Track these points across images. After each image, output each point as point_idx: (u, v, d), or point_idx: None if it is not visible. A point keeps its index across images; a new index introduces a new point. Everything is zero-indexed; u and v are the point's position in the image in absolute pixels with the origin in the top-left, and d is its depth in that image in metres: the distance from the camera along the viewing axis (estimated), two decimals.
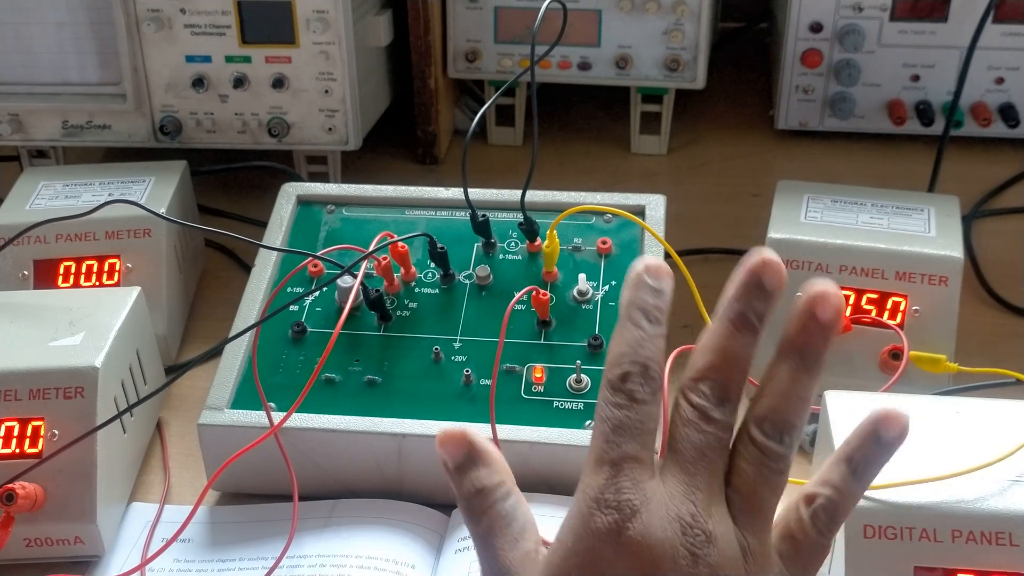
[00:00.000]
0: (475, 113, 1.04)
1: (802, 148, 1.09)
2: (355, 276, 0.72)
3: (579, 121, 1.15)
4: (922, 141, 1.04)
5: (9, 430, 0.66)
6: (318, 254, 0.74)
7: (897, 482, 0.55)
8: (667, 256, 0.75)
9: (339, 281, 0.73)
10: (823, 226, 0.77)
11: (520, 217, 0.76)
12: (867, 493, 0.54)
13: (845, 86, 1.04)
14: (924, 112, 1.03)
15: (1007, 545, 0.54)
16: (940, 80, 1.03)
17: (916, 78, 1.04)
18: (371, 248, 0.72)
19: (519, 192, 0.75)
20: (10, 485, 0.63)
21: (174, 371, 0.79)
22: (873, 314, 0.73)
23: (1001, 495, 0.55)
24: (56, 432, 0.65)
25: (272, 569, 0.64)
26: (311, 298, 0.75)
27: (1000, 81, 1.02)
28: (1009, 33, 1.00)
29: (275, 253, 0.78)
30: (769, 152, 1.10)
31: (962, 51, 0.97)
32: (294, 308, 0.75)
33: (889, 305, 0.73)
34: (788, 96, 1.06)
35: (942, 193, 0.87)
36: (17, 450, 0.65)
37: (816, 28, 1.03)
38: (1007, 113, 1.03)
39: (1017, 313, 0.85)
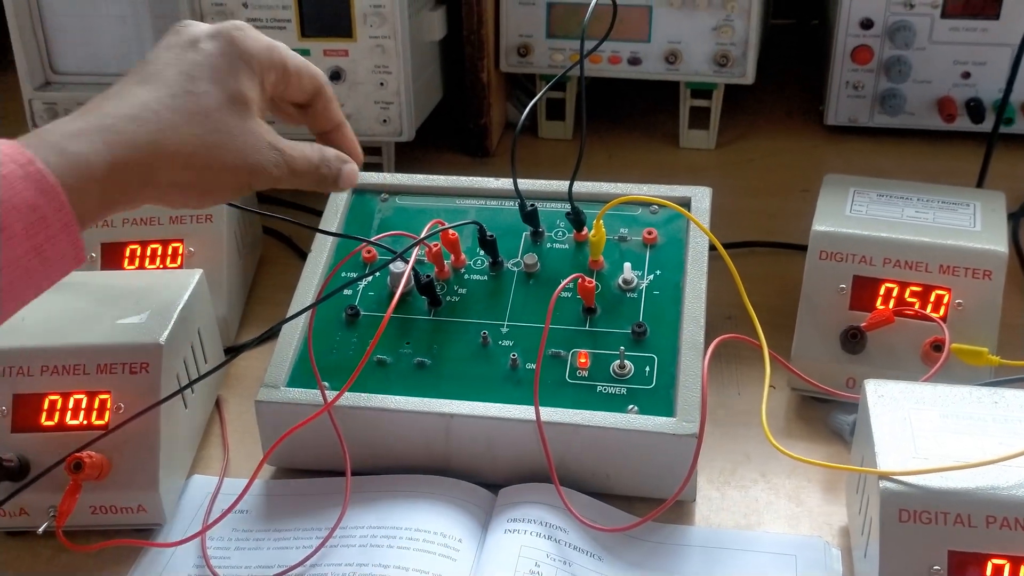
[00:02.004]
0: (526, 107, 1.06)
1: (851, 144, 1.10)
2: (407, 262, 0.74)
3: (629, 116, 1.16)
4: (972, 139, 1.05)
5: (77, 402, 0.69)
6: (372, 240, 0.77)
7: (933, 468, 0.56)
8: (711, 247, 0.76)
9: (391, 266, 0.75)
10: (868, 219, 0.77)
11: (568, 207, 0.78)
12: (902, 478, 0.56)
13: (895, 83, 1.05)
14: (975, 109, 1.03)
15: None
16: (991, 77, 1.03)
17: (967, 75, 1.04)
18: (423, 235, 0.74)
19: (567, 183, 0.77)
20: (78, 454, 0.66)
21: (233, 351, 0.82)
22: (916, 307, 0.74)
23: None
24: (122, 405, 0.68)
25: (326, 539, 0.66)
26: (364, 283, 0.78)
27: None
28: None
29: (331, 239, 0.80)
30: (818, 148, 1.11)
31: (1014, 48, 0.97)
32: (348, 292, 0.77)
33: (932, 298, 0.74)
34: (838, 92, 1.07)
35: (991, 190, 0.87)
36: (85, 422, 0.69)
37: (867, 24, 1.03)
38: None
39: None
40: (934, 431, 0.59)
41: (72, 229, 0.54)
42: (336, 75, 0.96)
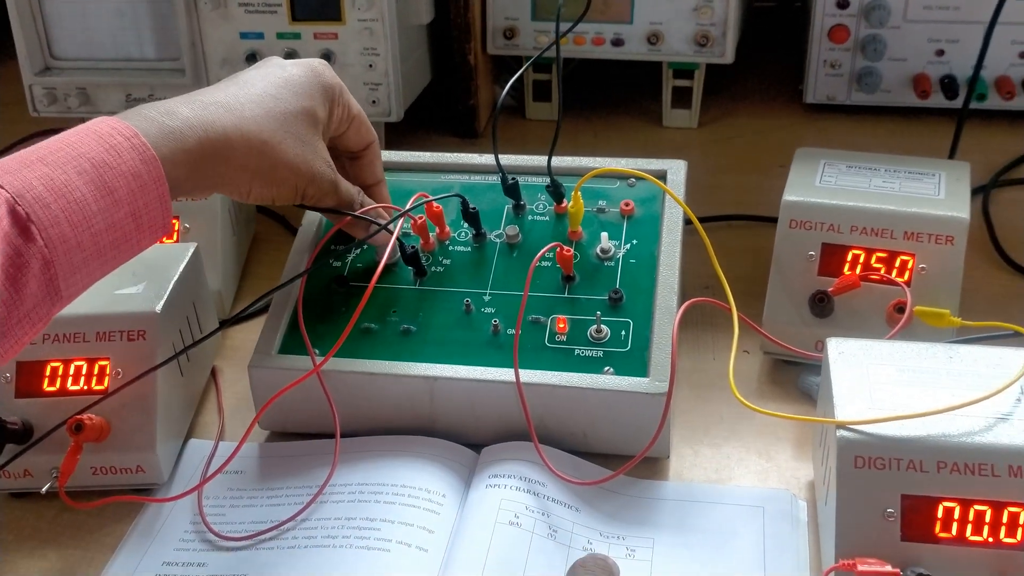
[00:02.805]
0: (514, 89, 1.09)
1: (830, 121, 1.13)
2: (392, 233, 0.77)
3: (613, 96, 1.19)
4: (947, 115, 1.07)
5: (78, 368, 0.72)
6: (357, 213, 0.80)
7: (887, 417, 0.59)
8: (687, 220, 0.79)
9: (377, 238, 0.78)
10: (836, 189, 0.80)
11: (548, 180, 0.81)
12: (858, 427, 0.59)
13: (871, 61, 1.08)
14: (948, 86, 1.06)
15: (989, 476, 0.58)
16: (964, 54, 1.06)
17: (941, 52, 1.07)
18: (407, 207, 0.77)
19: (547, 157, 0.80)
20: (79, 416, 0.70)
21: (227, 321, 0.86)
22: (882, 272, 0.77)
23: (987, 431, 0.59)
24: (120, 371, 0.72)
25: (316, 496, 0.70)
26: (353, 254, 0.81)
27: None
28: None
29: (319, 214, 0.83)
30: (798, 125, 1.14)
31: (985, 26, 1.00)
32: (336, 263, 0.80)
33: (897, 263, 0.77)
34: (816, 71, 1.10)
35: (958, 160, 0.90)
36: (85, 387, 0.72)
37: (843, 4, 1.06)
38: None
39: None
40: (890, 384, 0.62)
41: (165, 199, 0.61)
42: (326, 57, 0.99)
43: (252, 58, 0.99)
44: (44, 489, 0.70)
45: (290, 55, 0.99)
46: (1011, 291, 0.87)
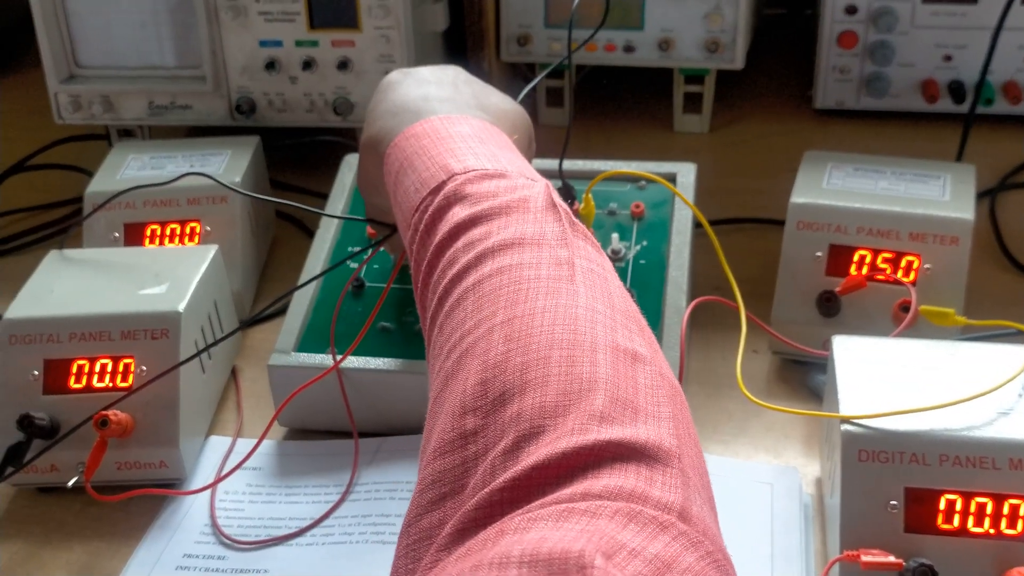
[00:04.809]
0: (528, 96, 1.10)
1: (839, 127, 1.14)
2: None
3: (625, 102, 1.21)
4: (954, 119, 1.08)
5: (103, 366, 0.74)
6: (371, 217, 0.82)
7: (890, 411, 0.61)
8: (696, 222, 0.81)
9: (393, 240, 0.80)
10: (843, 191, 0.82)
11: (560, 183, 0.83)
12: (862, 421, 0.61)
13: (880, 66, 1.09)
14: (956, 91, 1.08)
15: (991, 469, 0.59)
16: (972, 60, 1.07)
17: (948, 58, 1.08)
18: None
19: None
20: (104, 412, 0.72)
21: (248, 321, 0.88)
22: (888, 272, 0.78)
23: (988, 425, 0.60)
24: (144, 368, 0.74)
25: (342, 499, 0.72)
26: (369, 256, 0.83)
27: None
28: None
29: (335, 219, 0.85)
30: (807, 131, 1.15)
31: (991, 31, 1.01)
32: (353, 265, 0.82)
33: (903, 264, 0.78)
34: (825, 76, 1.12)
35: (963, 163, 0.91)
36: (110, 384, 0.74)
37: (851, 10, 1.08)
38: None
39: None
40: (894, 380, 0.64)
41: None
42: (343, 65, 1.01)
43: (271, 66, 1.01)
44: (70, 484, 0.72)
45: (308, 63, 1.01)
46: (1017, 292, 0.89)
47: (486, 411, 0.45)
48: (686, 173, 0.85)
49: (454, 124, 0.62)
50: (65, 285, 0.79)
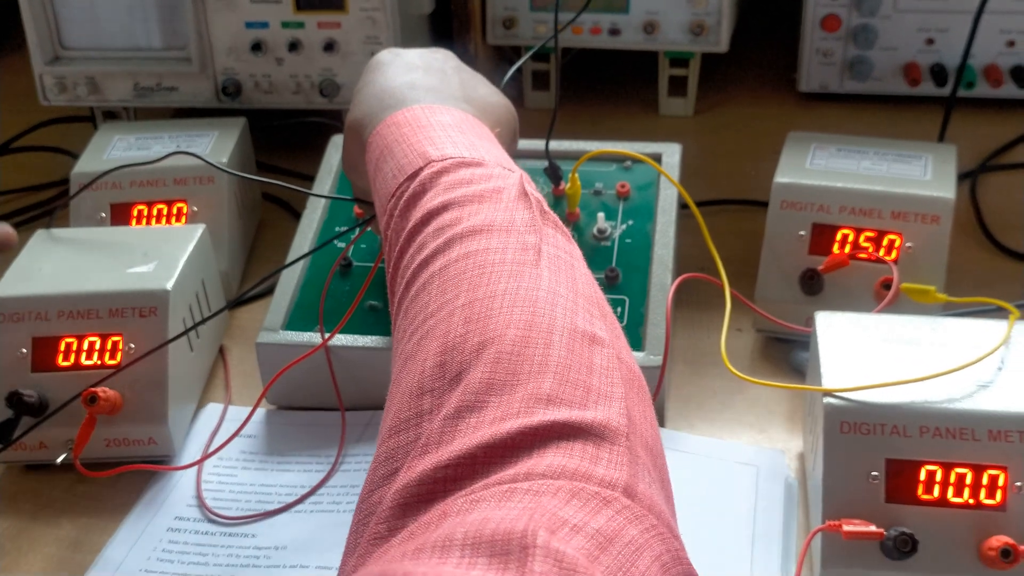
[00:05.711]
0: (513, 79, 1.11)
1: (823, 110, 1.15)
2: None
3: (610, 85, 1.22)
4: (937, 102, 1.09)
5: (92, 344, 0.74)
6: (357, 197, 0.82)
7: (871, 384, 0.62)
8: (682, 203, 0.81)
9: None
10: (826, 171, 0.83)
11: (546, 163, 0.83)
12: (844, 394, 0.62)
13: (863, 50, 1.10)
14: (938, 74, 1.09)
15: (970, 440, 0.60)
16: (954, 43, 1.08)
17: (931, 41, 1.09)
18: None
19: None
20: (93, 389, 0.72)
21: (235, 300, 0.88)
22: (870, 250, 0.79)
23: (967, 397, 0.61)
24: (132, 346, 0.74)
25: (331, 472, 0.72)
26: (357, 236, 0.83)
27: (1011, 44, 1.07)
28: None
29: (322, 199, 0.86)
30: (791, 114, 1.16)
31: (973, 15, 1.02)
32: (340, 244, 0.83)
33: (885, 242, 0.79)
34: (809, 60, 1.12)
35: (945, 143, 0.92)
36: (99, 361, 0.74)
37: None
38: (1018, 75, 1.08)
39: (1010, 255, 0.91)
40: (876, 354, 0.65)
41: None
42: (330, 46, 1.01)
43: (257, 47, 1.01)
44: (59, 460, 0.73)
45: (294, 44, 1.01)
46: (997, 270, 0.90)
47: (442, 391, 0.45)
48: (671, 153, 0.86)
49: (436, 114, 0.62)
50: (53, 264, 0.79)
